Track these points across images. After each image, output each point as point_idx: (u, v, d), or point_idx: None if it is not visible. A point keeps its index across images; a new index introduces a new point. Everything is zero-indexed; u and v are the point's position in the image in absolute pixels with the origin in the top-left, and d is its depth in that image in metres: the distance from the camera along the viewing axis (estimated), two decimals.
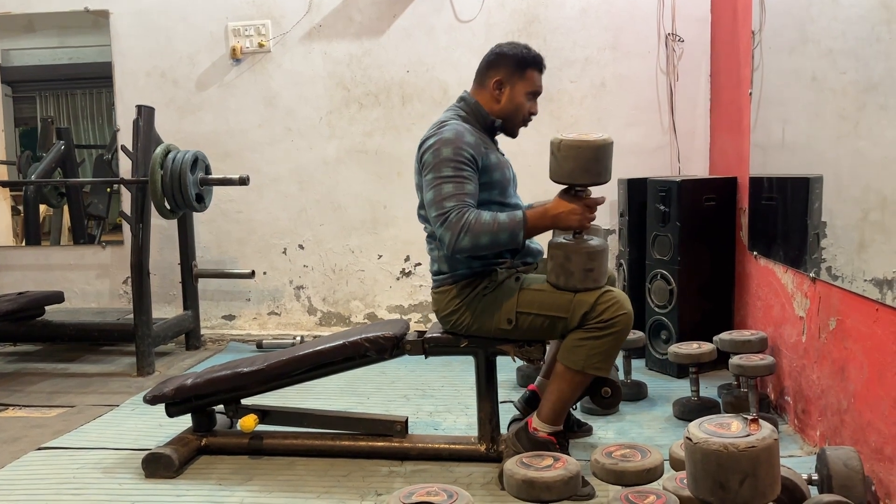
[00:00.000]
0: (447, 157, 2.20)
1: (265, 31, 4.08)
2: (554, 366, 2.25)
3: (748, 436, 1.37)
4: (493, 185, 2.31)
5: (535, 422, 2.23)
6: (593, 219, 2.24)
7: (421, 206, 2.34)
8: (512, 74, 2.39)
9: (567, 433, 2.30)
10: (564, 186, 2.23)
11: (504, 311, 2.24)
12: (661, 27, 3.88)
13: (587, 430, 2.57)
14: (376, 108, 4.09)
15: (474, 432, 2.46)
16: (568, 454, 2.07)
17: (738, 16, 3.34)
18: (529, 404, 2.48)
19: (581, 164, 2.13)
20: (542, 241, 2.49)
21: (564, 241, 2.21)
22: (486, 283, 2.28)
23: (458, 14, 3.99)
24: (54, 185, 5.12)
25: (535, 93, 2.44)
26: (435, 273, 2.39)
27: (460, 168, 2.20)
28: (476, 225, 2.13)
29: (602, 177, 2.17)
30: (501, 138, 2.55)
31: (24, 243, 5.09)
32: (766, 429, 1.39)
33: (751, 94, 3.05)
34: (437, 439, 2.50)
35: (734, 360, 2.64)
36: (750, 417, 1.42)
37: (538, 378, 2.56)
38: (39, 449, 2.66)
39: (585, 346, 2.13)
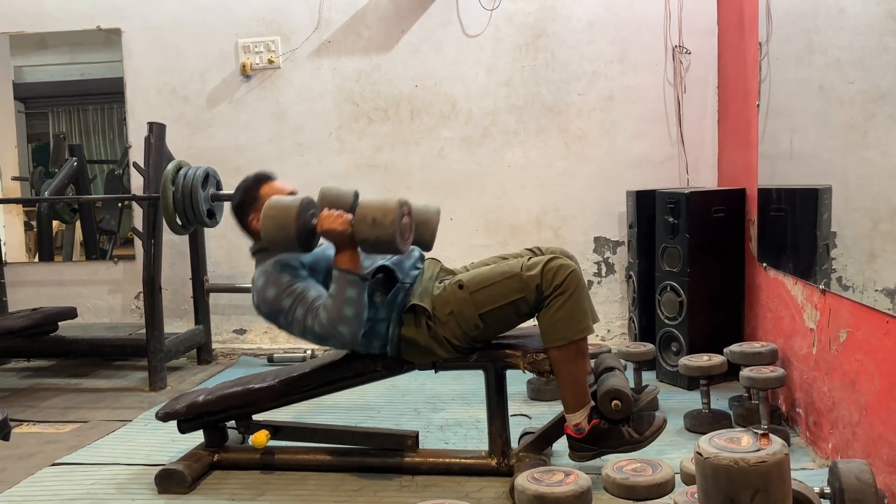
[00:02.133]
0: (278, 292, 2.29)
1: (275, 47, 4.12)
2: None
3: (759, 450, 1.36)
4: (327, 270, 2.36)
5: (570, 419, 2.25)
6: (340, 213, 2.28)
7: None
8: (252, 205, 2.47)
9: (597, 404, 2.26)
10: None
11: (468, 319, 2.29)
12: (668, 40, 3.89)
13: (652, 391, 2.46)
14: (385, 122, 4.12)
15: (485, 446, 2.46)
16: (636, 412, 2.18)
17: (744, 27, 3.36)
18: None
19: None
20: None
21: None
22: (426, 315, 2.30)
23: (465, 29, 4.01)
24: (67, 201, 5.18)
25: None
26: (380, 347, 2.38)
27: (292, 287, 2.28)
28: (332, 311, 2.21)
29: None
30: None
31: (37, 259, 5.14)
32: (776, 443, 1.39)
33: (758, 105, 3.05)
34: (448, 454, 2.51)
35: (745, 372, 2.64)
36: (760, 432, 1.42)
37: None
38: (54, 465, 2.68)
39: (560, 317, 2.20)
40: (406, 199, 2.27)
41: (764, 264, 3.05)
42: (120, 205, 5.28)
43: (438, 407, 3.19)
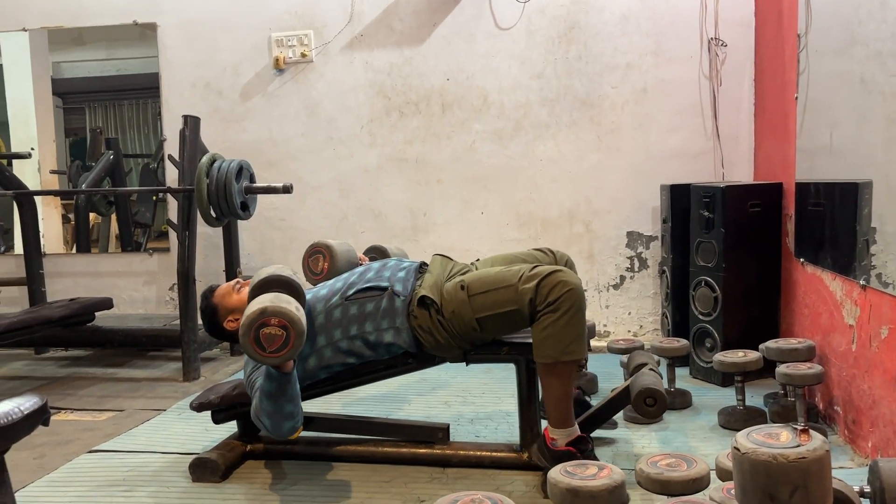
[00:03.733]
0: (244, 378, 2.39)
1: (307, 41, 4.14)
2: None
3: (798, 446, 1.34)
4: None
5: (550, 431, 2.22)
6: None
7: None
8: (217, 315, 2.50)
9: (589, 437, 2.25)
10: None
11: (467, 322, 2.26)
12: (703, 32, 3.84)
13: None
14: (416, 116, 4.12)
15: (516, 440, 2.46)
16: (594, 458, 2.06)
17: (783, 19, 3.29)
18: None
19: None
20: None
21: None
22: (434, 307, 2.29)
23: (498, 21, 4.00)
24: (104, 193, 5.26)
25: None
26: (398, 349, 2.38)
27: (251, 378, 2.31)
28: (254, 404, 2.21)
29: None
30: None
31: (74, 250, 5.24)
32: (817, 439, 1.36)
33: (796, 98, 3.00)
34: (478, 447, 2.50)
35: (781, 368, 2.60)
36: (800, 427, 1.40)
37: None
38: (91, 451, 2.73)
39: (548, 335, 2.14)
40: (277, 307, 2.02)
41: (801, 259, 3.00)
42: (154, 198, 5.36)
43: (469, 400, 3.18)
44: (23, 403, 1.51)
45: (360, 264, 2.70)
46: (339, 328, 2.33)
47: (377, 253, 2.90)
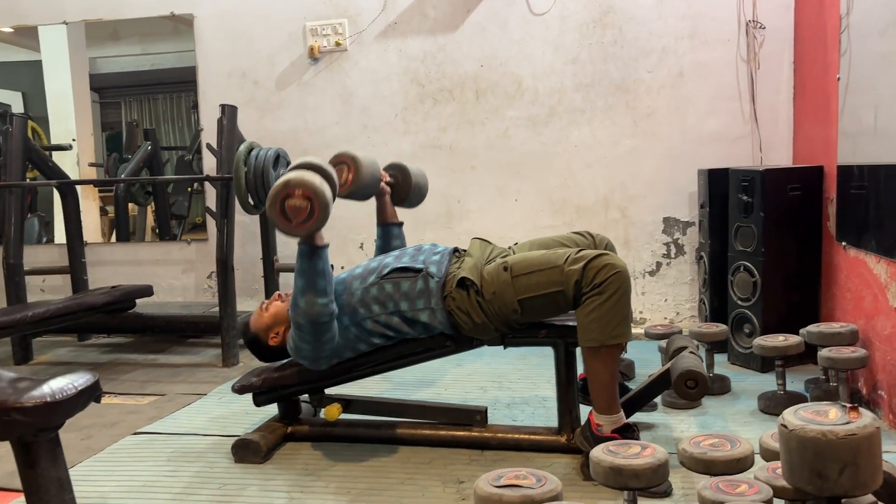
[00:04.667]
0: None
1: (342, 29, 4.16)
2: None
3: (848, 423, 1.33)
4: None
5: (595, 417, 2.22)
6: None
7: None
8: (260, 337, 2.58)
9: (635, 425, 2.24)
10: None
11: (508, 303, 2.26)
12: (741, 14, 3.78)
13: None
14: (450, 103, 4.12)
15: (553, 424, 2.46)
16: None
17: (824, 0, 3.24)
18: (585, 392, 2.45)
19: None
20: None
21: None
22: (475, 288, 2.30)
23: (531, 7, 3.98)
24: (142, 183, 5.34)
25: None
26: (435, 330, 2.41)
27: None
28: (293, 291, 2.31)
29: None
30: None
31: (114, 240, 5.33)
32: (866, 416, 1.35)
33: (838, 79, 2.94)
34: (517, 430, 2.51)
35: (823, 352, 2.57)
36: (849, 405, 1.38)
37: None
38: (135, 433, 2.79)
39: (594, 318, 2.13)
40: (304, 178, 2.12)
41: (843, 243, 2.95)
42: (190, 190, 5.42)
43: (505, 386, 3.19)
44: (76, 380, 1.55)
45: (383, 181, 2.76)
46: (377, 304, 2.38)
47: (397, 170, 2.88)
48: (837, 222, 3.05)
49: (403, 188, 2.86)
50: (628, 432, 2.17)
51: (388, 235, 2.86)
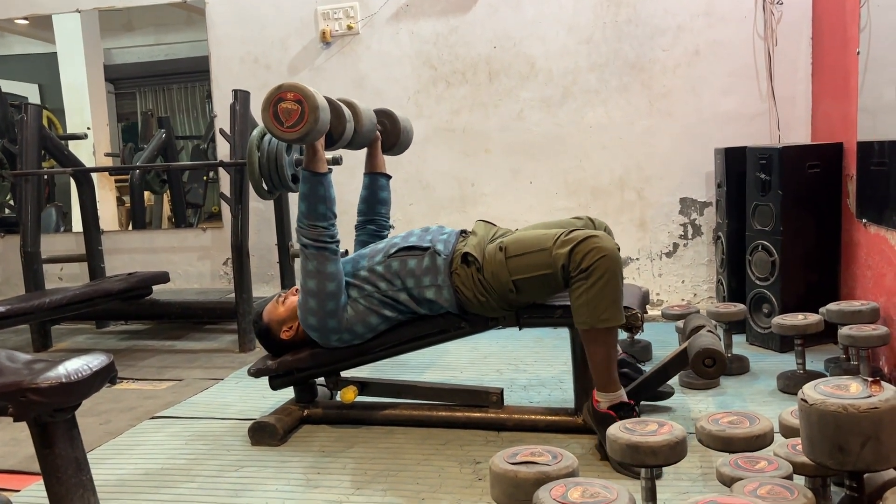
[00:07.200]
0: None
1: (353, 13, 4.14)
2: None
3: (870, 396, 1.31)
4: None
5: (596, 393, 2.22)
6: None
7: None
8: (272, 330, 2.59)
9: (633, 404, 2.22)
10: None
11: (504, 283, 2.28)
12: None
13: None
14: (463, 85, 4.09)
15: (570, 405, 2.45)
16: None
17: None
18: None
19: None
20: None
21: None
22: (476, 265, 2.32)
23: None
24: (157, 170, 5.36)
25: None
26: (441, 308, 2.43)
27: None
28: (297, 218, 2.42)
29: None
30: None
31: (129, 228, 5.36)
32: (889, 389, 1.32)
33: (858, 53, 2.89)
34: (533, 410, 2.50)
35: (844, 330, 2.53)
36: (871, 379, 1.36)
37: None
38: (153, 418, 2.81)
39: (582, 302, 2.13)
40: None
41: (864, 220, 2.91)
42: (205, 178, 5.43)
43: (520, 368, 3.18)
44: (91, 361, 1.55)
45: (378, 129, 2.79)
46: (384, 281, 2.41)
47: (385, 116, 2.90)
48: (858, 199, 3.00)
49: (393, 134, 2.88)
50: (623, 409, 2.16)
51: (376, 185, 2.85)
